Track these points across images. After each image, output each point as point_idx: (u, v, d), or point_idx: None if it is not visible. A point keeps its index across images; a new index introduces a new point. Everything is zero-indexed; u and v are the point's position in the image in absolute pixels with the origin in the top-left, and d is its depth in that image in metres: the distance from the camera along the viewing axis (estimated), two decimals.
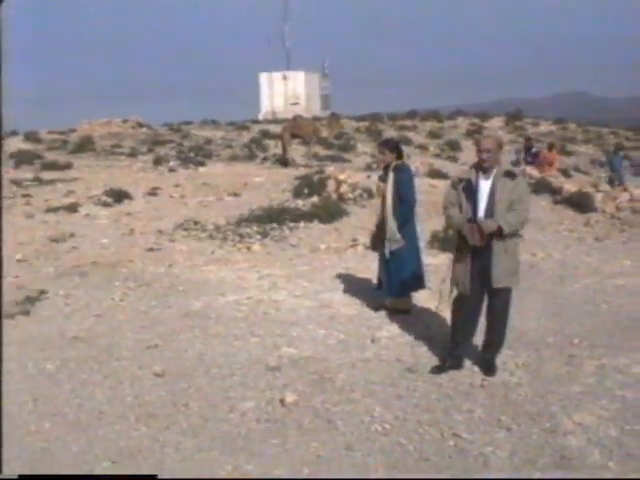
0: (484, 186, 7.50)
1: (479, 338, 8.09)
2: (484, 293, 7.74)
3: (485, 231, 7.34)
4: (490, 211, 7.43)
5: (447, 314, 8.79)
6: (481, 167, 7.54)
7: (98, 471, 5.82)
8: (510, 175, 7.55)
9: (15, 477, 5.14)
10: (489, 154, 7.48)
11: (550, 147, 30.62)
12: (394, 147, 10.00)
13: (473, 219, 7.47)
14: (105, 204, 19.83)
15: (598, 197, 19.80)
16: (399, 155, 9.91)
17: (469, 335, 7.97)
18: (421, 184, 12.11)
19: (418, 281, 9.98)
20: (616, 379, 7.60)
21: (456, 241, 7.89)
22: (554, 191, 21.56)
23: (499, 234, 7.36)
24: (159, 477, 5.24)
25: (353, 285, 11.53)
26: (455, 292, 7.85)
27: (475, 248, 7.49)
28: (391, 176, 9.75)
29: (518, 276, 7.74)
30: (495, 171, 7.50)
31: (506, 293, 7.72)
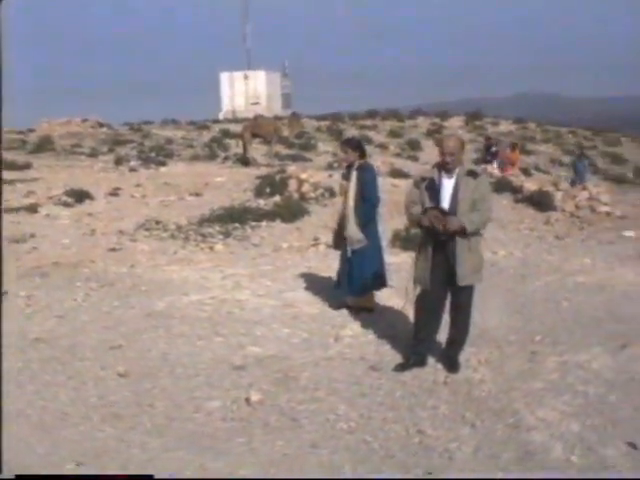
0: (447, 185, 7.57)
1: (442, 335, 8.16)
2: (447, 290, 7.81)
3: (449, 227, 7.38)
4: (453, 210, 7.49)
5: (411, 312, 8.89)
6: (444, 167, 7.61)
7: (64, 472, 5.81)
8: (473, 174, 7.63)
9: (12, 477, 5.13)
10: (452, 157, 7.54)
11: (513, 147, 30.94)
12: (357, 146, 10.03)
13: (435, 205, 7.52)
14: (66, 204, 19.71)
15: (558, 196, 20.06)
16: (362, 154, 9.94)
17: (432, 332, 8.03)
18: (383, 183, 12.15)
19: (380, 280, 10.02)
20: (578, 375, 7.70)
21: (419, 238, 7.96)
22: (515, 190, 21.79)
23: (462, 233, 7.43)
24: (155, 477, 5.24)
25: (316, 284, 11.56)
26: (418, 289, 7.91)
27: (437, 245, 7.56)
28: (354, 175, 9.77)
29: (482, 273, 7.83)
30: (458, 170, 7.57)
31: (470, 290, 7.80)
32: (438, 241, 7.56)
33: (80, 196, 20.55)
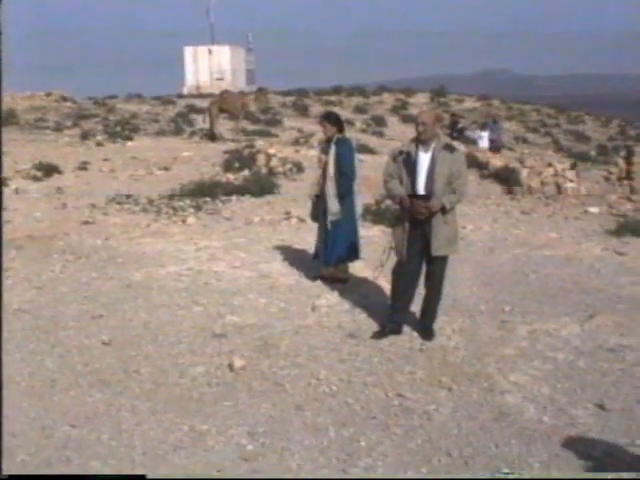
0: (424, 159, 7.78)
1: (416, 305, 8.41)
2: (422, 261, 8.04)
3: (432, 210, 7.64)
4: (429, 184, 7.71)
5: (383, 283, 9.14)
6: (419, 140, 7.82)
7: (59, 435, 5.97)
8: (449, 148, 7.86)
9: (5, 477, 5.23)
10: (425, 126, 7.75)
11: (628, 155, 30.96)
12: (335, 120, 10.16)
13: (413, 192, 7.75)
14: (35, 178, 19.74)
15: (524, 172, 20.34)
16: (340, 128, 10.11)
17: (408, 301, 8.28)
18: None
19: (354, 252, 10.22)
20: (547, 342, 8.03)
21: (395, 212, 8.17)
22: (481, 166, 22.06)
23: (442, 211, 7.69)
24: (149, 477, 5.39)
25: (290, 256, 11.76)
26: (393, 259, 8.13)
27: (414, 218, 7.78)
28: (332, 149, 9.95)
29: (457, 245, 8.09)
30: (434, 144, 7.79)
31: (444, 261, 8.05)
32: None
33: (48, 170, 20.58)
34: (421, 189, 7.73)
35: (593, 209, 17.31)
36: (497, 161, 22.19)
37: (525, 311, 9.11)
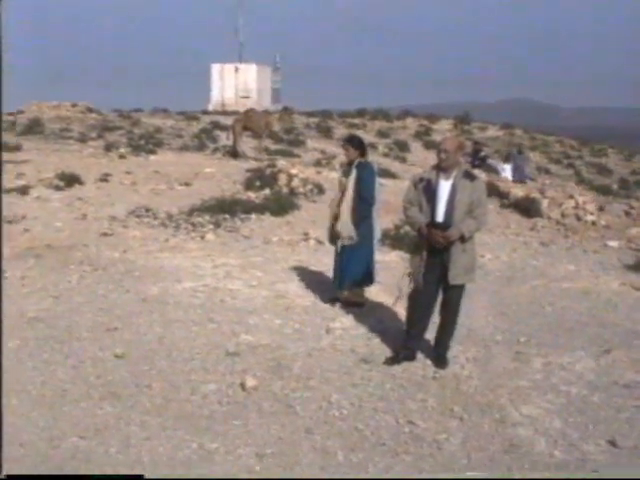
0: (444, 187, 7.77)
1: (430, 332, 8.38)
2: (439, 289, 8.02)
3: (448, 238, 7.63)
4: (449, 212, 7.70)
5: (399, 309, 9.11)
6: (440, 167, 7.82)
7: (66, 446, 5.99)
8: (469, 177, 7.85)
9: (3, 477, 5.23)
10: (447, 154, 7.75)
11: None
12: (358, 144, 10.20)
13: (432, 220, 7.74)
14: (57, 187, 19.78)
15: (544, 203, 20.24)
16: (363, 152, 10.13)
17: (423, 328, 8.26)
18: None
19: (368, 277, 10.23)
20: (561, 376, 7.98)
21: (414, 238, 8.16)
22: (502, 195, 21.99)
23: (461, 239, 7.68)
24: (145, 477, 5.40)
25: (307, 277, 11.76)
26: (410, 287, 8.11)
27: (432, 246, 7.77)
28: (353, 172, 9.96)
29: (474, 273, 8.07)
30: (455, 172, 7.78)
31: (460, 290, 8.03)
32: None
33: (70, 180, 20.61)
34: (440, 217, 7.72)
35: (612, 243, 17.22)
36: (518, 191, 22.11)
37: (540, 343, 9.07)
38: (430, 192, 7.81)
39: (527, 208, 20.29)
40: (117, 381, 7.35)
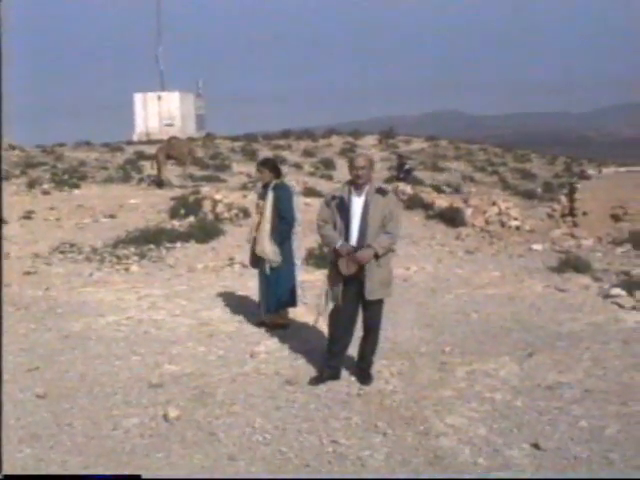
0: (357, 203, 7.80)
1: (354, 348, 8.37)
2: (358, 305, 8.03)
3: (361, 262, 7.66)
4: (363, 229, 7.72)
5: (324, 328, 9.10)
6: (355, 184, 7.84)
7: None
8: (381, 192, 7.89)
9: (2, 478, 5.14)
10: (364, 170, 7.79)
11: None
12: (273, 166, 10.27)
13: (346, 237, 7.76)
14: None
15: (468, 212, 20.47)
16: (277, 174, 10.17)
17: (345, 346, 8.24)
18: (297, 202, 12.37)
19: (293, 297, 10.25)
20: (485, 383, 8.04)
21: (330, 257, 8.17)
22: (426, 207, 22.20)
23: (375, 258, 7.70)
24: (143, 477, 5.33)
25: (231, 302, 11.72)
26: (330, 305, 8.11)
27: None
28: (270, 194, 9.98)
29: (391, 287, 8.08)
30: (367, 188, 7.82)
31: (379, 305, 8.02)
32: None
33: None
34: (354, 235, 7.75)
35: (537, 246, 17.48)
36: (442, 201, 22.35)
37: (465, 351, 9.14)
38: (344, 209, 7.83)
39: (452, 218, 20.52)
40: (38, 422, 7.21)
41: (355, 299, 7.94)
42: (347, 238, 7.78)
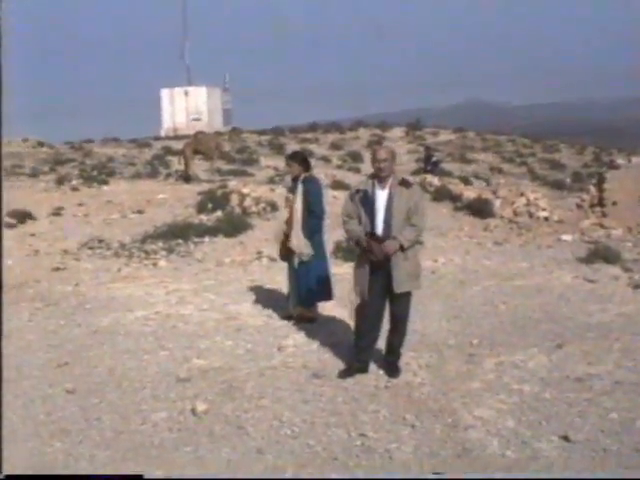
0: (381, 196, 7.76)
1: (382, 341, 8.35)
2: (385, 299, 7.99)
3: (388, 253, 7.62)
4: (388, 222, 7.69)
5: (351, 321, 9.10)
6: (378, 177, 7.80)
7: None
8: (405, 184, 7.84)
9: (2, 477, 5.18)
10: (386, 163, 7.75)
11: None
12: (302, 159, 10.26)
13: (371, 231, 7.73)
14: (9, 225, 19.63)
15: (497, 203, 20.36)
16: (307, 167, 10.17)
17: (373, 339, 8.21)
18: (326, 196, 12.36)
19: (326, 291, 10.20)
20: (513, 374, 7.99)
21: (357, 251, 8.14)
22: (454, 198, 22.10)
23: (401, 250, 7.66)
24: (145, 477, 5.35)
25: (259, 296, 11.73)
26: (358, 300, 8.08)
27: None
28: (300, 188, 9.98)
29: (419, 280, 8.04)
30: (391, 181, 7.78)
31: (407, 297, 7.98)
32: None
33: (22, 217, 20.50)
34: (379, 227, 7.71)
35: (566, 237, 17.36)
36: (470, 193, 22.24)
37: (493, 343, 9.10)
38: (368, 203, 7.80)
39: (480, 209, 20.41)
40: (67, 417, 7.25)
41: (382, 293, 7.90)
42: (372, 232, 7.75)
